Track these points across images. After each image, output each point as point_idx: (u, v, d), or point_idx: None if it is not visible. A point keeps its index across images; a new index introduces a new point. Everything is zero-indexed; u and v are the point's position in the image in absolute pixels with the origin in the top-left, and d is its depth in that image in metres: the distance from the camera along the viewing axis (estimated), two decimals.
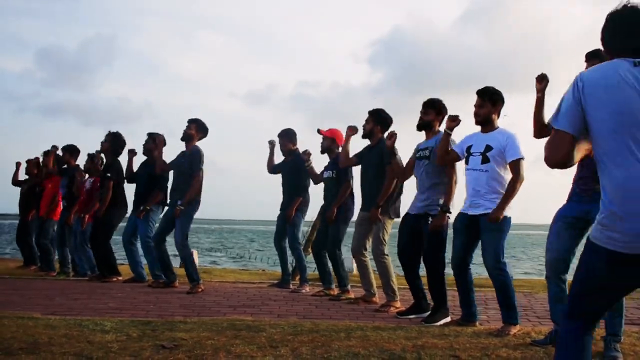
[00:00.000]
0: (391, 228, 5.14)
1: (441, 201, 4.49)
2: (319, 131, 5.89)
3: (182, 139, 6.12)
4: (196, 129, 6.10)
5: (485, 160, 4.07)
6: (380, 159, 5.09)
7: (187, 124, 6.13)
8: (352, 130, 5.43)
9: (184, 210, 5.93)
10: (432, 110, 4.63)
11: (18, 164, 8.56)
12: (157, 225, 6.51)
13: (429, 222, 4.47)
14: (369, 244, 5.22)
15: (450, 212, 4.42)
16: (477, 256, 4.21)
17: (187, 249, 6.10)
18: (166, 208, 6.41)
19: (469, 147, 4.21)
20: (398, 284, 5.15)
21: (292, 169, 6.24)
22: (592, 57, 3.51)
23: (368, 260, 5.30)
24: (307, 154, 6.08)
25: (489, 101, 4.13)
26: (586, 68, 3.51)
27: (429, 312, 4.51)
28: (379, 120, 5.24)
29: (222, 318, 4.39)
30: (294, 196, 6.19)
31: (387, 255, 5.09)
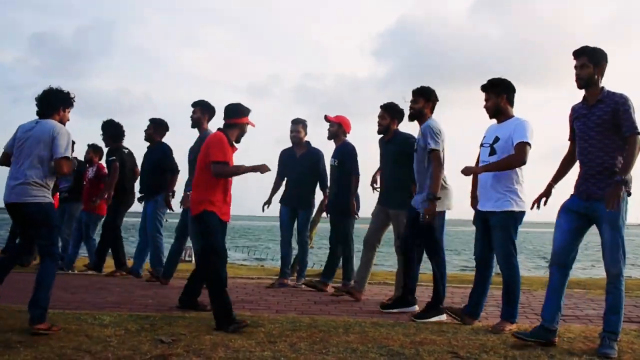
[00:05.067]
0: None
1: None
2: (326, 117, 5.85)
3: (193, 126, 5.98)
4: (201, 111, 5.90)
5: (492, 152, 4.05)
6: (397, 153, 5.07)
7: (192, 109, 5.96)
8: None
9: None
10: (422, 98, 4.60)
11: None
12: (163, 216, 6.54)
13: (420, 219, 4.46)
14: (383, 238, 5.25)
15: (436, 199, 4.38)
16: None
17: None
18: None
19: (483, 139, 4.19)
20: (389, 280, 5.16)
21: (313, 163, 6.10)
22: (580, 55, 3.53)
23: (374, 255, 5.28)
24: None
25: (492, 93, 4.11)
26: (575, 66, 3.54)
27: (423, 308, 4.49)
28: (394, 114, 5.22)
29: None
30: (321, 191, 6.11)
31: (376, 249, 5.13)
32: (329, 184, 5.98)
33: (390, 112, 5.19)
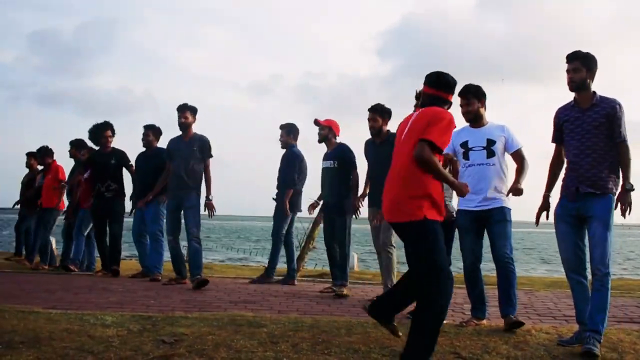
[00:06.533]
0: None
1: None
2: (316, 121, 5.92)
3: (182, 129, 6.10)
4: (191, 114, 6.09)
5: (491, 154, 4.11)
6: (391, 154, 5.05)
7: (180, 113, 6.07)
8: None
9: (196, 203, 5.93)
10: (418, 102, 4.62)
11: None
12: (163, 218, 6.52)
13: None
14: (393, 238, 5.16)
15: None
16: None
17: (200, 241, 6.02)
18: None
19: (465, 143, 4.20)
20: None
21: (285, 161, 6.34)
22: (573, 59, 3.61)
23: (394, 252, 5.20)
24: None
25: (474, 98, 4.19)
26: (568, 69, 3.62)
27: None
28: (384, 114, 5.24)
29: (222, 313, 4.39)
30: (285, 189, 6.24)
31: (394, 246, 5.10)
32: (323, 184, 5.99)
33: (380, 114, 5.23)
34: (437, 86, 3.22)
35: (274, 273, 6.44)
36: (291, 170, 6.28)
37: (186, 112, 6.07)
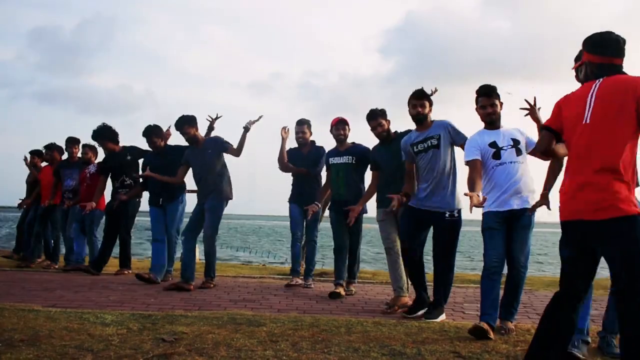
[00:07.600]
0: None
1: (455, 202, 4.49)
2: (343, 120, 5.76)
3: (191, 143, 6.02)
4: (189, 126, 5.93)
5: (519, 152, 4.07)
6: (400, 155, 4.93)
7: (179, 132, 5.95)
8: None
9: (216, 205, 5.90)
10: (427, 101, 4.57)
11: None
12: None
13: (447, 217, 4.45)
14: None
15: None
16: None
17: (214, 244, 5.97)
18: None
19: (494, 142, 4.10)
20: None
21: (316, 159, 6.15)
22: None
23: (400, 255, 4.98)
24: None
25: (498, 99, 4.16)
26: (574, 68, 3.49)
27: (429, 308, 4.49)
28: (385, 115, 5.21)
29: (222, 312, 4.40)
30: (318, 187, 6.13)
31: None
32: (337, 181, 5.94)
33: (382, 116, 5.11)
34: (605, 52, 2.69)
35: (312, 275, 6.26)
36: (321, 167, 6.14)
37: (184, 127, 5.91)
